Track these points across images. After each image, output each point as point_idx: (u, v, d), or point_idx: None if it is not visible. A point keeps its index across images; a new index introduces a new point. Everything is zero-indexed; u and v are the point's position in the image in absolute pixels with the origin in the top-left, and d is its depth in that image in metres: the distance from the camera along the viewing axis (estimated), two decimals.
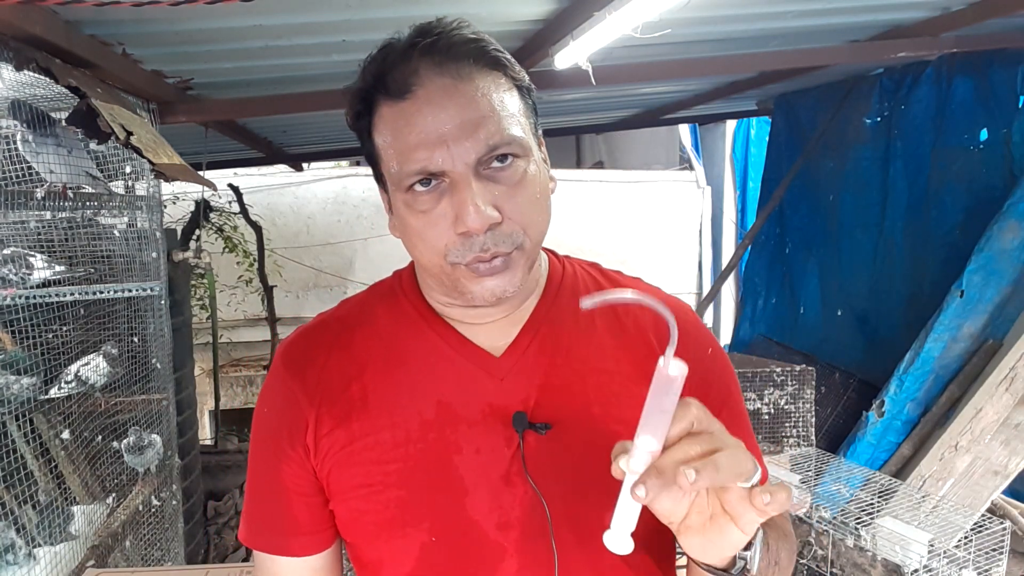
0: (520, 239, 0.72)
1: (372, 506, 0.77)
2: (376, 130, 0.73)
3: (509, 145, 0.70)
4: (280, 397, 0.81)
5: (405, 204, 0.72)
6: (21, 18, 1.66)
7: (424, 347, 0.80)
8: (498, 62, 0.72)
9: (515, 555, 0.76)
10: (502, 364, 0.79)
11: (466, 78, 0.70)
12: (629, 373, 0.80)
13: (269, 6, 1.95)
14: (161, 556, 2.46)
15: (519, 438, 0.76)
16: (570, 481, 0.76)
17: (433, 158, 0.68)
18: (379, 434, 0.77)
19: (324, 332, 0.83)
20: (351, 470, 0.77)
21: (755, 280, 4.93)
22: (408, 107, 0.69)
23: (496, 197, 0.70)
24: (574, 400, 0.78)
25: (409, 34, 0.72)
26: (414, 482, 0.76)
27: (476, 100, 0.69)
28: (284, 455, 0.79)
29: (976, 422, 2.82)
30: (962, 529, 2.39)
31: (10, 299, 1.85)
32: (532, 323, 0.81)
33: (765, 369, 3.15)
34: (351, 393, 0.78)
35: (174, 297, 2.63)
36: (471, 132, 0.68)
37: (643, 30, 2.12)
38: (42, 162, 1.91)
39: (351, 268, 6.65)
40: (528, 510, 0.76)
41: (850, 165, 3.93)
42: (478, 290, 0.72)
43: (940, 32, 2.92)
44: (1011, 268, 2.92)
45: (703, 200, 7.38)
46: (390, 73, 0.70)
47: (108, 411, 2.25)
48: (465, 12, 2.15)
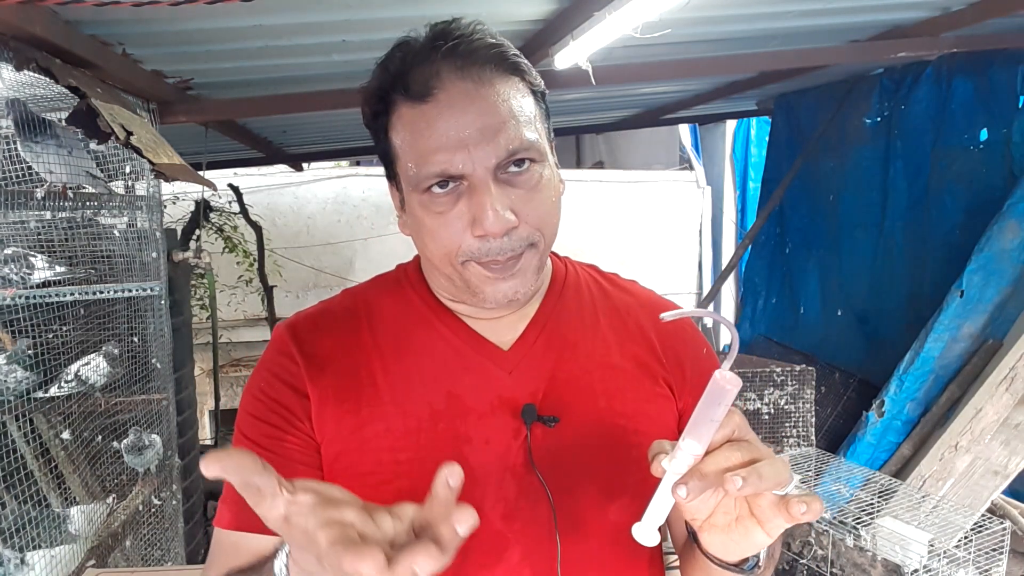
0: (536, 238, 0.74)
1: (380, 495, 0.76)
2: (394, 129, 0.74)
3: (527, 150, 0.71)
4: (280, 378, 0.80)
5: (421, 204, 0.73)
6: (21, 18, 1.66)
7: (433, 338, 0.81)
8: (517, 68, 0.74)
9: (518, 545, 0.77)
10: (510, 357, 0.80)
11: (487, 83, 0.71)
12: (631, 369, 0.82)
13: (269, 6, 1.95)
14: (161, 556, 2.45)
15: (527, 430, 0.77)
16: (575, 474, 0.78)
17: (453, 161, 0.69)
18: (390, 421, 0.77)
19: (329, 317, 0.83)
20: (362, 456, 0.77)
21: (755, 280, 4.93)
22: (429, 110, 0.70)
23: (513, 201, 0.71)
24: (581, 394, 0.80)
25: (427, 35, 0.72)
26: (424, 472, 0.76)
27: (496, 105, 0.70)
28: (288, 430, 0.78)
29: (976, 422, 2.82)
30: (962, 529, 2.39)
31: (10, 299, 1.85)
32: (539, 319, 0.82)
33: (765, 369, 3.15)
34: (360, 378, 0.79)
35: (174, 297, 2.63)
36: (491, 137, 0.69)
37: (643, 30, 2.12)
38: (42, 162, 1.91)
39: (351, 268, 6.65)
40: (532, 502, 0.77)
41: (850, 165, 3.93)
42: (491, 292, 0.74)
43: (940, 32, 2.92)
44: (1011, 268, 2.92)
45: (703, 200, 7.38)
46: (410, 74, 0.71)
47: (108, 411, 2.25)
48: (465, 12, 2.14)
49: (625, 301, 0.88)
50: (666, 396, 0.83)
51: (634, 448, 0.79)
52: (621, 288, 0.90)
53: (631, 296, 0.89)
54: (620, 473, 0.79)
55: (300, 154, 5.56)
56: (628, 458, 0.79)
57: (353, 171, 6.84)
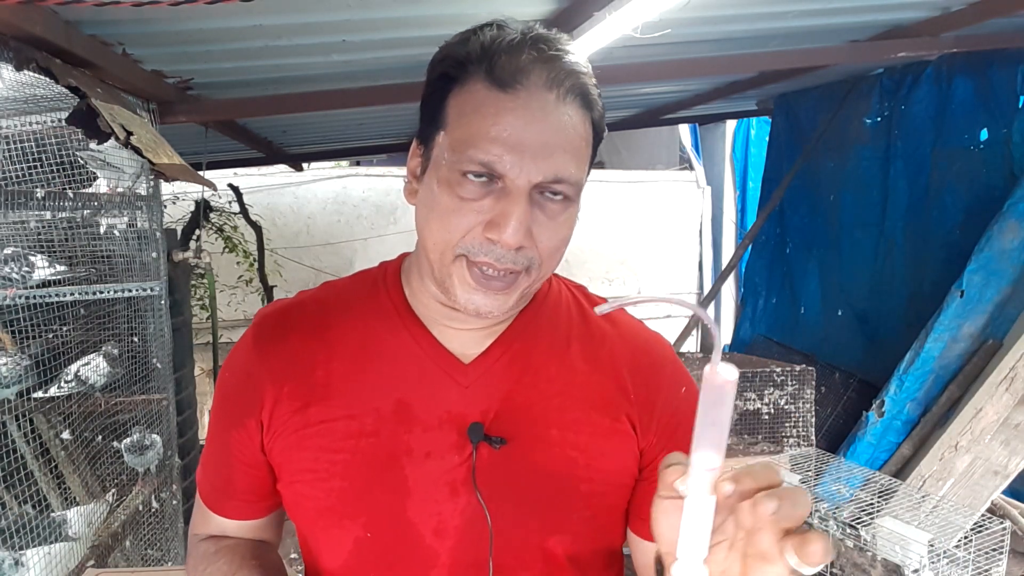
0: (535, 264, 0.72)
1: (315, 492, 0.78)
2: (456, 99, 0.71)
3: (569, 185, 0.71)
4: (243, 368, 0.82)
5: (447, 182, 0.70)
6: (21, 18, 1.66)
7: (395, 344, 0.80)
8: (594, 105, 0.73)
9: (448, 563, 0.76)
10: (469, 372, 0.78)
11: (567, 104, 0.70)
12: (594, 401, 0.79)
13: (269, 6, 1.95)
14: (161, 556, 2.45)
15: (472, 448, 0.75)
16: (517, 499, 0.76)
17: (503, 159, 0.68)
18: (334, 423, 0.77)
19: (301, 312, 0.83)
20: (300, 454, 0.78)
21: (755, 280, 4.93)
22: (504, 100, 0.68)
23: (535, 224, 0.70)
24: (535, 419, 0.77)
25: (522, 30, 0.71)
26: (358, 476, 0.76)
27: (564, 129, 0.70)
28: (236, 423, 0.81)
29: (976, 422, 2.82)
30: (962, 529, 2.39)
31: (10, 299, 1.85)
32: (506, 337, 0.80)
33: (765, 369, 3.15)
34: (315, 378, 0.79)
35: (174, 297, 2.63)
36: (547, 155, 0.68)
37: (643, 30, 2.12)
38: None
39: (351, 268, 6.63)
40: (468, 521, 0.75)
41: (850, 165, 3.93)
42: (465, 299, 0.72)
43: (940, 32, 2.92)
44: (1011, 268, 2.93)
45: (703, 200, 7.39)
46: (500, 57, 0.69)
47: (108, 411, 2.25)
48: (465, 12, 2.15)
49: (603, 330, 0.84)
50: (626, 433, 0.79)
51: (583, 483, 0.77)
52: (604, 315, 0.85)
53: (612, 326, 0.85)
54: (565, 506, 0.77)
55: (300, 154, 5.56)
56: (576, 492, 0.77)
57: (353, 171, 6.85)
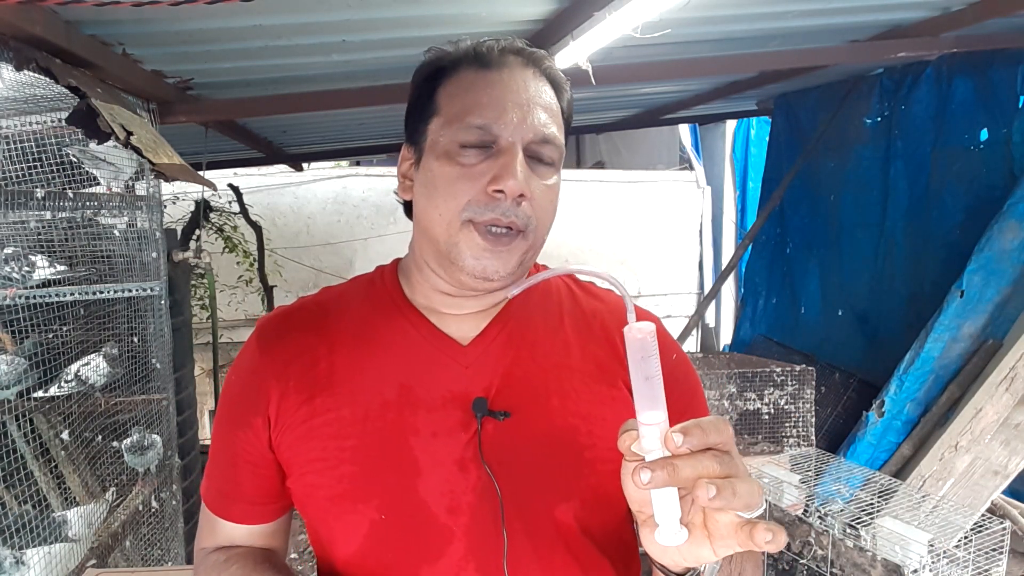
0: (532, 225, 0.77)
1: (325, 480, 0.79)
2: (445, 88, 0.79)
3: (554, 148, 0.78)
4: (248, 369, 0.84)
5: (447, 155, 0.76)
6: (21, 18, 1.66)
7: (394, 331, 0.83)
8: (562, 89, 0.82)
9: (463, 539, 0.77)
10: (468, 352, 0.82)
11: (544, 79, 0.81)
12: (591, 371, 0.83)
13: (269, 6, 1.95)
14: (161, 556, 2.45)
15: (477, 423, 0.78)
16: (524, 470, 0.78)
17: (498, 121, 0.75)
18: (339, 411, 0.79)
19: (301, 313, 0.87)
20: (308, 444, 0.79)
21: (755, 280, 4.93)
22: (492, 75, 0.78)
23: (531, 179, 0.76)
24: (535, 391, 0.81)
25: (501, 40, 0.81)
26: (368, 459, 0.78)
27: (546, 97, 0.79)
28: (242, 424, 0.83)
29: (976, 422, 2.82)
30: (962, 529, 2.39)
31: (10, 299, 1.85)
32: (502, 317, 0.84)
33: (765, 369, 3.15)
34: (318, 371, 0.81)
35: (174, 297, 2.63)
36: (535, 116, 0.77)
37: (643, 30, 2.12)
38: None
39: (351, 268, 6.65)
40: (480, 496, 0.77)
41: (850, 165, 3.93)
42: (473, 263, 0.76)
43: (940, 32, 2.92)
44: (1011, 268, 2.93)
45: (703, 200, 7.39)
46: (484, 48, 0.80)
47: (108, 411, 2.25)
48: (465, 12, 2.15)
49: (593, 306, 0.89)
50: (624, 399, 0.82)
51: (586, 449, 0.79)
52: (592, 295, 0.91)
53: (601, 302, 0.90)
54: (571, 474, 0.79)
55: (300, 154, 5.56)
56: (580, 459, 0.79)
57: (353, 171, 6.85)
